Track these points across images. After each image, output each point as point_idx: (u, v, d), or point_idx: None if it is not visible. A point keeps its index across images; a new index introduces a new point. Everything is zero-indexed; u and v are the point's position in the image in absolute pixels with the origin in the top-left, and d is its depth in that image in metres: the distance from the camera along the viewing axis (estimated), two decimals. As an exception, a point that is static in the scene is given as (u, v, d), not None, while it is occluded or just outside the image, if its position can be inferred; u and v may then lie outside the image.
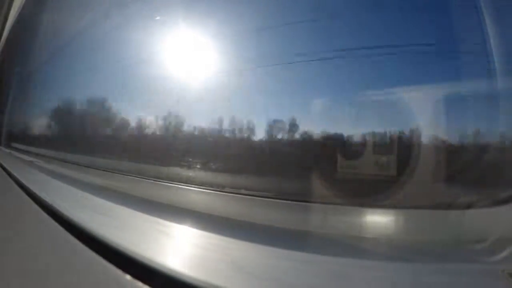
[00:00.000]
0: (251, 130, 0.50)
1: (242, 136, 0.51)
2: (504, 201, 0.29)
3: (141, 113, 0.75)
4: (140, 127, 0.76)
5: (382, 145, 0.38)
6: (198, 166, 0.56)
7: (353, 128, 0.40)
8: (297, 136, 0.44)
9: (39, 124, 1.42)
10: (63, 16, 1.24)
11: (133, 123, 0.79)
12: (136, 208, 0.47)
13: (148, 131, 0.73)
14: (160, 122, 0.70)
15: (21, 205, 0.56)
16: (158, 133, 0.70)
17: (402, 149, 0.37)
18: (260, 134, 0.49)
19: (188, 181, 0.53)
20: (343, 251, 0.31)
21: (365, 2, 0.42)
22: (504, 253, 0.26)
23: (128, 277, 0.28)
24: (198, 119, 0.58)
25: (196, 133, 0.58)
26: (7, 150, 1.59)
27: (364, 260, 0.29)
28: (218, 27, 0.56)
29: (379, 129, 0.38)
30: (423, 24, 0.38)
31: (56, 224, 0.42)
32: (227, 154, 0.54)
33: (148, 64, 0.72)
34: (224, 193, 0.47)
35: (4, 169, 0.95)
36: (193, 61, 0.60)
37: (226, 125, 0.53)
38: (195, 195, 0.50)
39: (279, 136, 0.46)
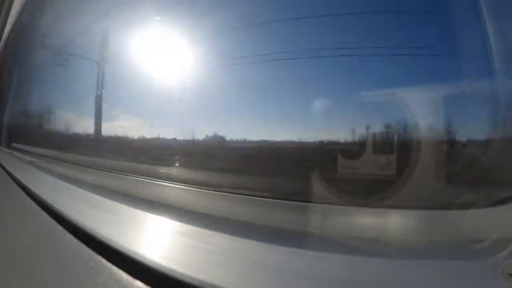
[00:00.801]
0: (250, 130, 0.50)
1: (241, 137, 0.51)
2: (504, 201, 0.29)
3: (141, 113, 0.75)
4: (140, 126, 0.76)
5: (382, 144, 0.38)
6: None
7: (353, 128, 0.40)
8: (297, 136, 0.44)
9: (39, 124, 1.42)
10: (62, 16, 1.24)
11: (132, 122, 0.79)
12: (136, 208, 0.47)
13: (148, 131, 0.73)
14: (161, 122, 0.70)
15: (21, 205, 0.56)
16: (158, 133, 0.70)
17: (402, 149, 0.37)
18: (259, 134, 0.49)
19: (187, 182, 0.53)
20: (343, 251, 0.31)
21: (366, 3, 0.42)
22: (503, 253, 0.26)
23: (128, 277, 0.28)
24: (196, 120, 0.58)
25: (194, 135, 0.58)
26: (7, 150, 1.59)
27: (364, 260, 0.29)
28: (214, 24, 0.55)
29: (379, 129, 0.38)
30: (423, 24, 0.38)
31: (56, 224, 0.42)
32: (225, 155, 0.54)
33: (148, 64, 0.72)
34: (224, 193, 0.47)
35: (4, 169, 0.95)
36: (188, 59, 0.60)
37: (223, 124, 0.53)
38: (195, 195, 0.50)
39: (279, 136, 0.46)
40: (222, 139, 0.52)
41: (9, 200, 0.64)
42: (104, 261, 0.31)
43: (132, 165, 0.71)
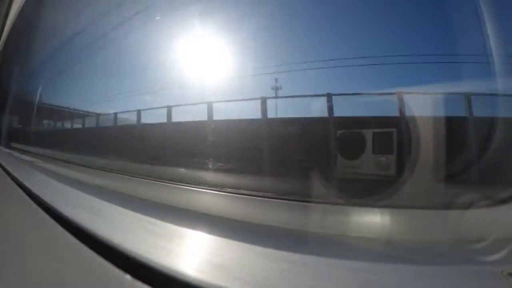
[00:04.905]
0: (255, 129, 0.50)
1: (247, 139, 0.51)
2: (504, 201, 0.29)
3: (141, 114, 0.75)
4: (140, 127, 0.76)
5: (382, 144, 0.38)
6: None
7: (353, 128, 0.40)
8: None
9: (39, 124, 1.42)
10: (62, 15, 1.24)
11: (132, 123, 0.79)
12: (136, 208, 0.47)
13: (148, 131, 0.73)
14: (160, 123, 0.69)
15: (21, 205, 0.56)
16: (157, 133, 0.70)
17: (402, 148, 0.37)
18: (263, 135, 0.49)
19: (187, 182, 0.53)
20: (344, 251, 0.31)
21: (367, 3, 0.42)
22: (503, 253, 0.26)
23: (128, 277, 0.28)
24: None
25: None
26: (7, 150, 1.59)
27: (364, 260, 0.29)
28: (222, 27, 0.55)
29: (379, 129, 0.38)
30: (423, 24, 0.38)
31: (56, 224, 0.42)
32: (230, 154, 0.54)
33: (148, 64, 0.71)
34: (224, 193, 0.47)
35: (4, 169, 0.95)
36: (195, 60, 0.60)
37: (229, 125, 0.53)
38: (195, 196, 0.50)
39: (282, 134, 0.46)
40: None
41: (9, 200, 0.64)
42: (104, 261, 0.31)
43: (130, 165, 0.71)
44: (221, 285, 0.24)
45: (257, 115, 0.51)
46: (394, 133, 0.37)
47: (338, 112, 0.42)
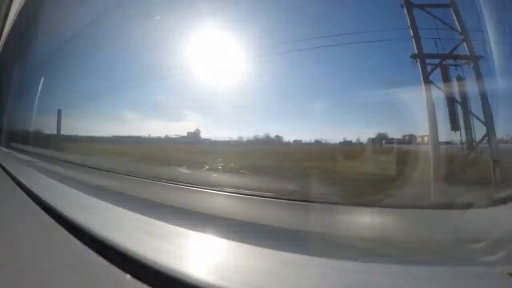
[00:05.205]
0: (252, 132, 0.50)
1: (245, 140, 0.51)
2: (504, 201, 0.29)
3: (140, 114, 0.75)
4: (139, 127, 0.76)
5: (382, 145, 0.38)
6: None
7: (353, 129, 0.40)
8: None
9: (38, 124, 1.42)
10: (62, 16, 1.24)
11: (132, 123, 0.79)
12: (136, 209, 0.47)
13: (147, 131, 0.73)
14: (161, 123, 0.69)
15: (21, 205, 0.56)
16: (156, 134, 0.70)
17: (402, 149, 0.37)
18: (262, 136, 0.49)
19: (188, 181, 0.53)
20: (343, 251, 0.31)
21: (366, 3, 0.42)
22: (503, 253, 0.26)
23: (128, 277, 0.28)
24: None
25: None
26: (7, 150, 1.59)
27: (364, 260, 0.29)
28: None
29: (379, 130, 0.38)
30: (423, 24, 0.38)
31: (56, 224, 0.42)
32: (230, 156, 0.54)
33: (149, 64, 0.71)
34: (224, 193, 0.47)
35: (4, 169, 0.95)
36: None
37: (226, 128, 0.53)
38: (194, 195, 0.50)
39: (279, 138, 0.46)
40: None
41: (9, 200, 0.64)
42: (104, 261, 0.31)
43: (129, 165, 0.71)
44: (220, 285, 0.24)
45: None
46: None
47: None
